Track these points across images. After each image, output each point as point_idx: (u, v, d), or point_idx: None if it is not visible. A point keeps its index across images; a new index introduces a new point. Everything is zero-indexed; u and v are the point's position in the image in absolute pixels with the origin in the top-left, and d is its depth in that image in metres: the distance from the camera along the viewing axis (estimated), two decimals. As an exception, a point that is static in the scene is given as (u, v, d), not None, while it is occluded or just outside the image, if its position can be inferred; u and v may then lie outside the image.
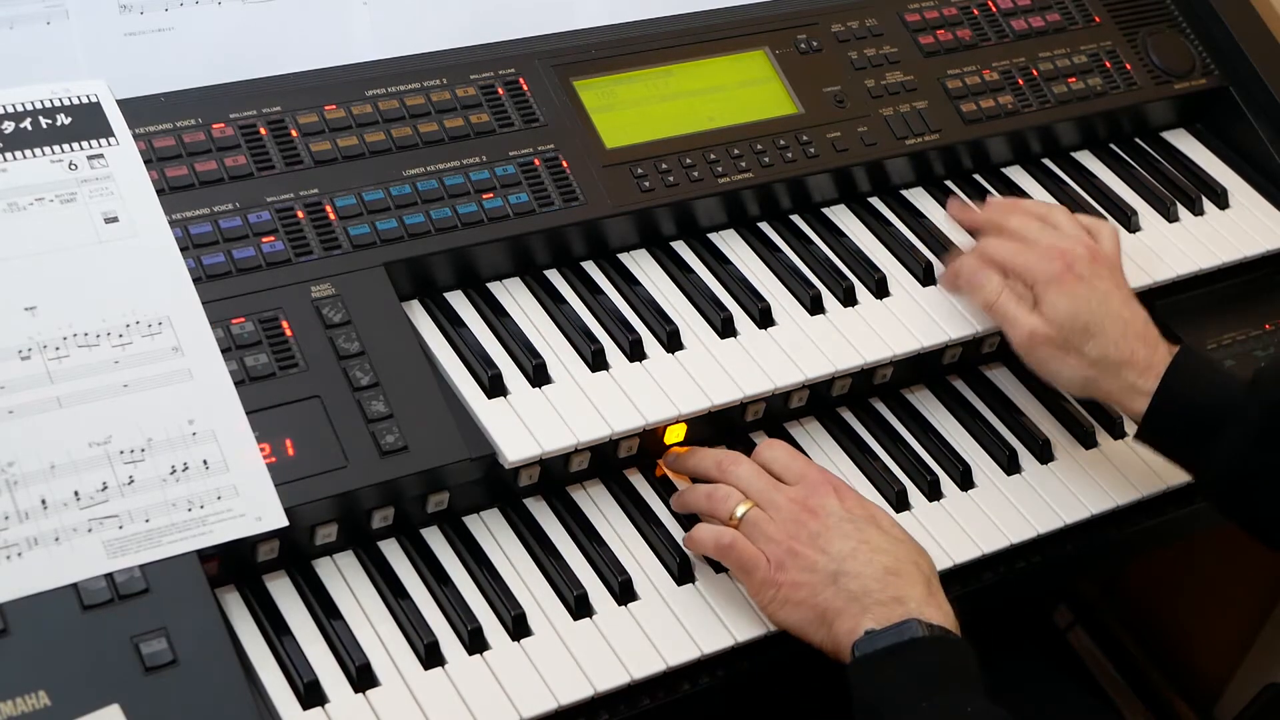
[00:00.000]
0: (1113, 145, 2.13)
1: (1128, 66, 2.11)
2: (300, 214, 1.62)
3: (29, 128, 1.57)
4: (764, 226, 1.87)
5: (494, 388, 1.60)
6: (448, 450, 1.52)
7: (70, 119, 1.59)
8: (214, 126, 1.64)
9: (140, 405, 1.44)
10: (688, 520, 1.64)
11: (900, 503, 1.70)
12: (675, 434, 1.70)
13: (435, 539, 1.58)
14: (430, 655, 1.46)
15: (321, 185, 1.65)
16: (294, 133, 1.67)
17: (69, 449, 1.40)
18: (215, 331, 1.51)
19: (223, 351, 1.50)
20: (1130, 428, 1.80)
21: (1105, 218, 1.98)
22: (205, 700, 1.32)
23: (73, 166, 1.56)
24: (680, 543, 1.61)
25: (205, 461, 1.43)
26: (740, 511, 1.57)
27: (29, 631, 1.31)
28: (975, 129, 1.99)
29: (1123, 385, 1.67)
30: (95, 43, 1.66)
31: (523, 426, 1.57)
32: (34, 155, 1.55)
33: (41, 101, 1.58)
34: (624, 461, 1.67)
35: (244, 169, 1.63)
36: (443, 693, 1.44)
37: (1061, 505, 1.74)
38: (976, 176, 2.02)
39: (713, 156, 1.83)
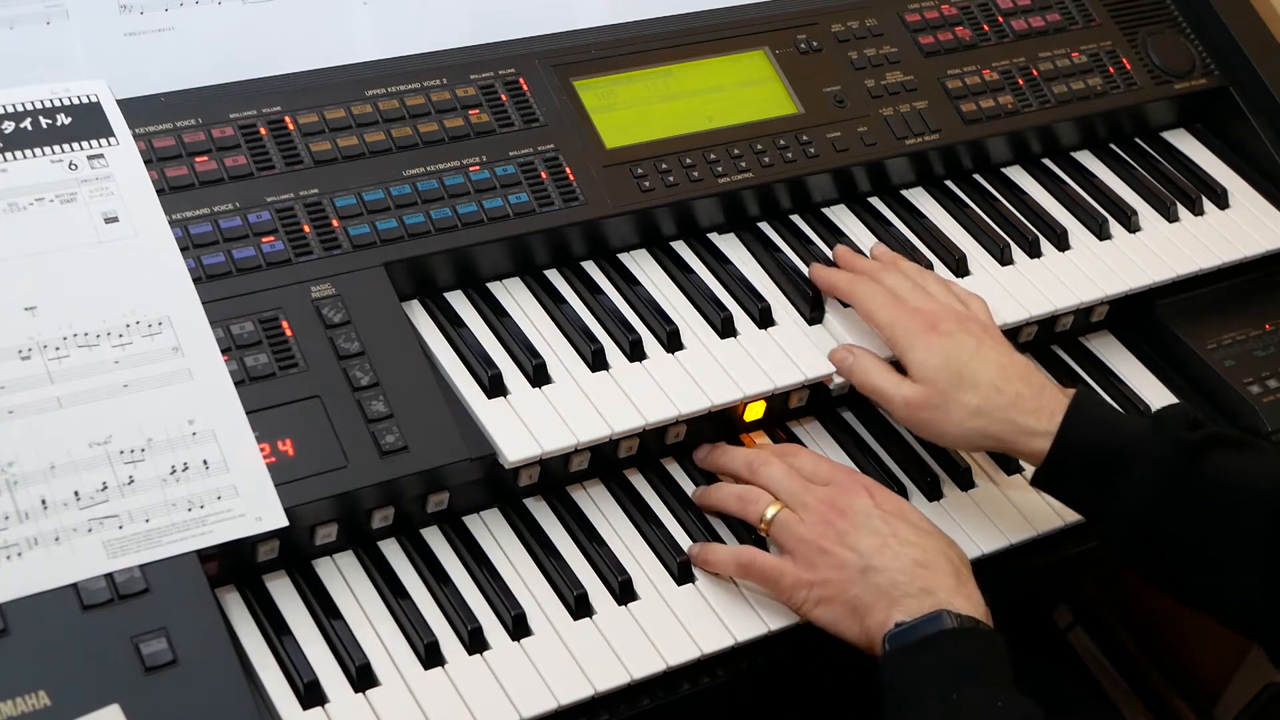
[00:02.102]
0: (1113, 145, 2.13)
1: (1128, 66, 2.11)
2: (300, 214, 1.62)
3: (29, 128, 1.57)
4: (764, 226, 1.87)
5: (494, 388, 1.60)
6: (448, 450, 1.52)
7: (70, 119, 1.59)
8: (214, 126, 1.64)
9: (140, 405, 1.44)
10: (687, 521, 1.64)
11: (900, 503, 1.70)
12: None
13: (435, 539, 1.58)
14: (430, 655, 1.46)
15: (321, 185, 1.65)
16: (294, 133, 1.67)
17: (69, 449, 1.40)
18: (215, 331, 1.51)
19: (223, 351, 1.50)
20: None
21: (1106, 218, 1.98)
22: (205, 700, 1.32)
23: (73, 166, 1.56)
24: (680, 544, 1.61)
25: (205, 461, 1.43)
26: (770, 513, 1.58)
27: (29, 631, 1.31)
28: (975, 129, 1.99)
29: (1014, 428, 1.60)
30: (95, 43, 1.66)
31: (523, 426, 1.57)
32: (34, 155, 1.55)
33: (41, 101, 1.58)
34: (624, 461, 1.67)
35: (244, 169, 1.63)
36: (443, 693, 1.44)
37: (1061, 505, 1.74)
38: (976, 176, 2.02)
39: (713, 156, 1.83)
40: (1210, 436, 1.56)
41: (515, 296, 1.72)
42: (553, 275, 1.75)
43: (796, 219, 1.90)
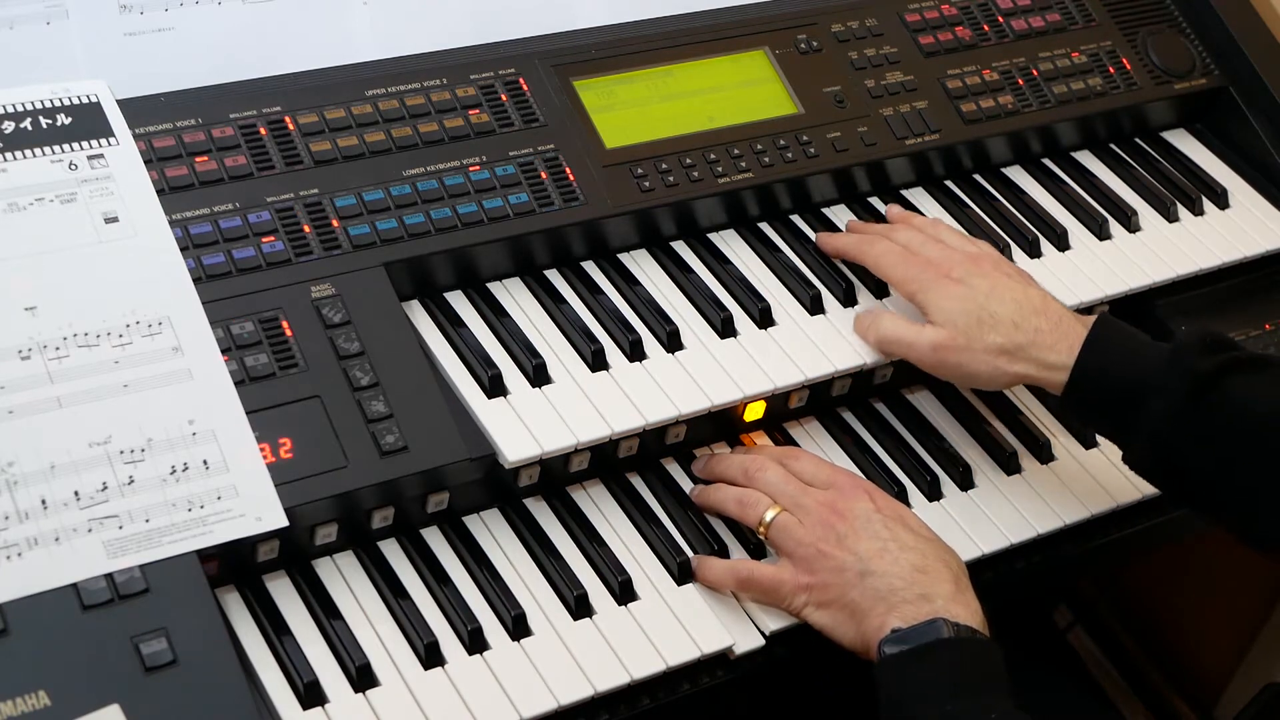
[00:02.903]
0: (1113, 145, 2.13)
1: (1128, 66, 2.11)
2: (300, 214, 1.62)
3: (29, 128, 1.57)
4: (764, 226, 1.87)
5: (494, 388, 1.60)
6: (448, 450, 1.52)
7: (70, 119, 1.59)
8: (214, 126, 1.64)
9: (140, 405, 1.44)
10: (687, 521, 1.64)
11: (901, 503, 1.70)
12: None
13: (435, 539, 1.58)
14: (430, 655, 1.46)
15: (321, 185, 1.65)
16: (294, 133, 1.67)
17: (69, 449, 1.40)
18: (215, 331, 1.51)
19: (223, 351, 1.50)
20: None
21: (1106, 218, 1.98)
22: (205, 700, 1.32)
23: (73, 166, 1.56)
24: (680, 544, 1.61)
25: (205, 461, 1.43)
26: (769, 516, 1.58)
27: (29, 631, 1.31)
28: (975, 129, 1.99)
29: (1037, 364, 1.63)
30: (95, 43, 1.66)
31: (523, 426, 1.57)
32: (34, 155, 1.55)
33: (41, 101, 1.58)
34: (624, 461, 1.67)
35: (244, 169, 1.63)
36: (443, 693, 1.44)
37: (1061, 505, 1.74)
38: (976, 176, 2.02)
39: (713, 156, 1.83)
40: (1229, 361, 1.57)
41: (515, 296, 1.72)
42: (553, 275, 1.75)
43: (796, 219, 1.90)
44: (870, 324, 1.73)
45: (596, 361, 1.66)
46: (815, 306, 1.78)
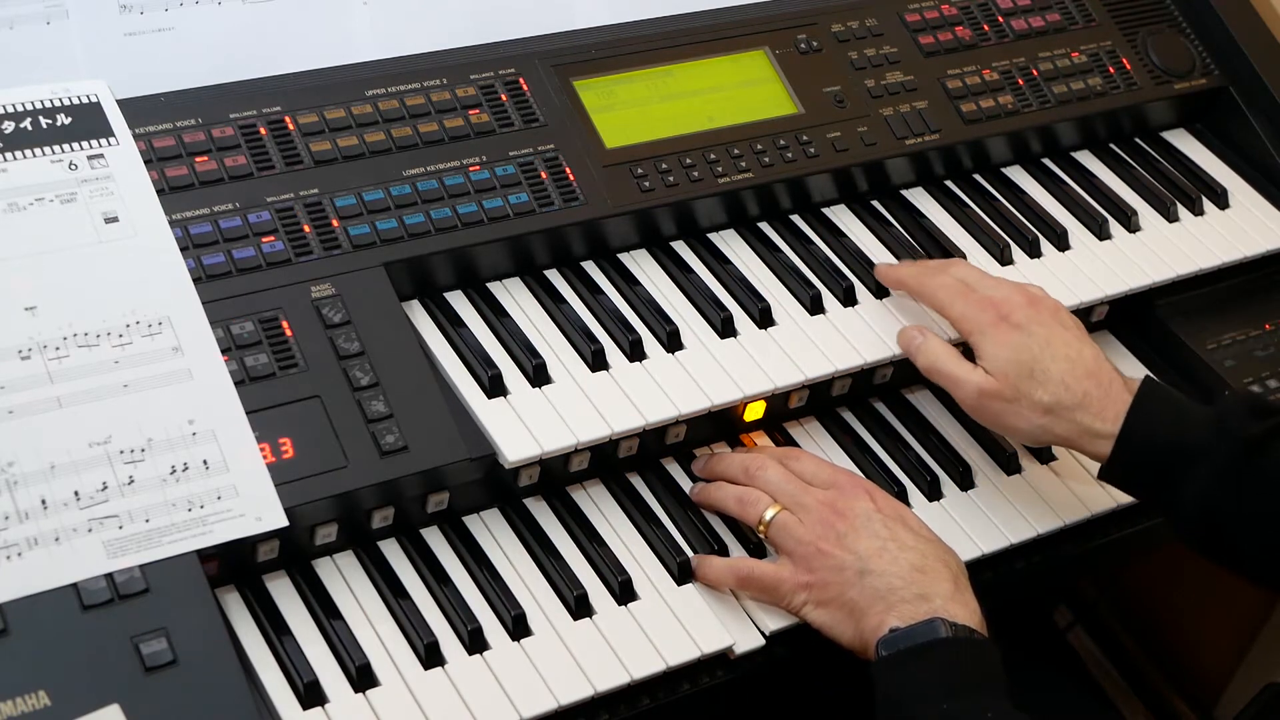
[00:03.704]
0: (1113, 145, 2.13)
1: (1128, 66, 2.11)
2: (300, 214, 1.62)
3: (29, 128, 1.57)
4: (764, 226, 1.87)
5: (494, 388, 1.60)
6: (448, 450, 1.52)
7: (70, 119, 1.59)
8: (214, 126, 1.64)
9: (140, 405, 1.44)
10: (687, 521, 1.64)
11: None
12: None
13: (435, 539, 1.58)
14: (430, 655, 1.46)
15: (321, 185, 1.65)
16: (294, 133, 1.67)
17: (69, 449, 1.40)
18: (215, 331, 1.51)
19: (223, 351, 1.50)
20: None
21: (1106, 219, 1.98)
22: (205, 700, 1.32)
23: (73, 166, 1.56)
24: (680, 544, 1.61)
25: (205, 461, 1.43)
26: (769, 515, 1.58)
27: (29, 631, 1.31)
28: (975, 129, 1.99)
29: (1079, 429, 1.61)
30: (95, 43, 1.66)
31: (523, 426, 1.57)
32: (34, 155, 1.55)
33: (41, 101, 1.58)
34: (624, 461, 1.67)
35: (244, 169, 1.63)
36: (443, 693, 1.44)
37: (1061, 505, 1.74)
38: (976, 176, 2.02)
39: (713, 156, 1.83)
40: (1276, 426, 1.57)
41: (515, 296, 1.72)
42: (553, 275, 1.75)
43: (796, 219, 1.90)
44: (919, 346, 1.70)
45: (596, 361, 1.66)
46: (815, 306, 1.78)
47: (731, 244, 1.84)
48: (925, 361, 1.70)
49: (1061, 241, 1.94)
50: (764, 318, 1.75)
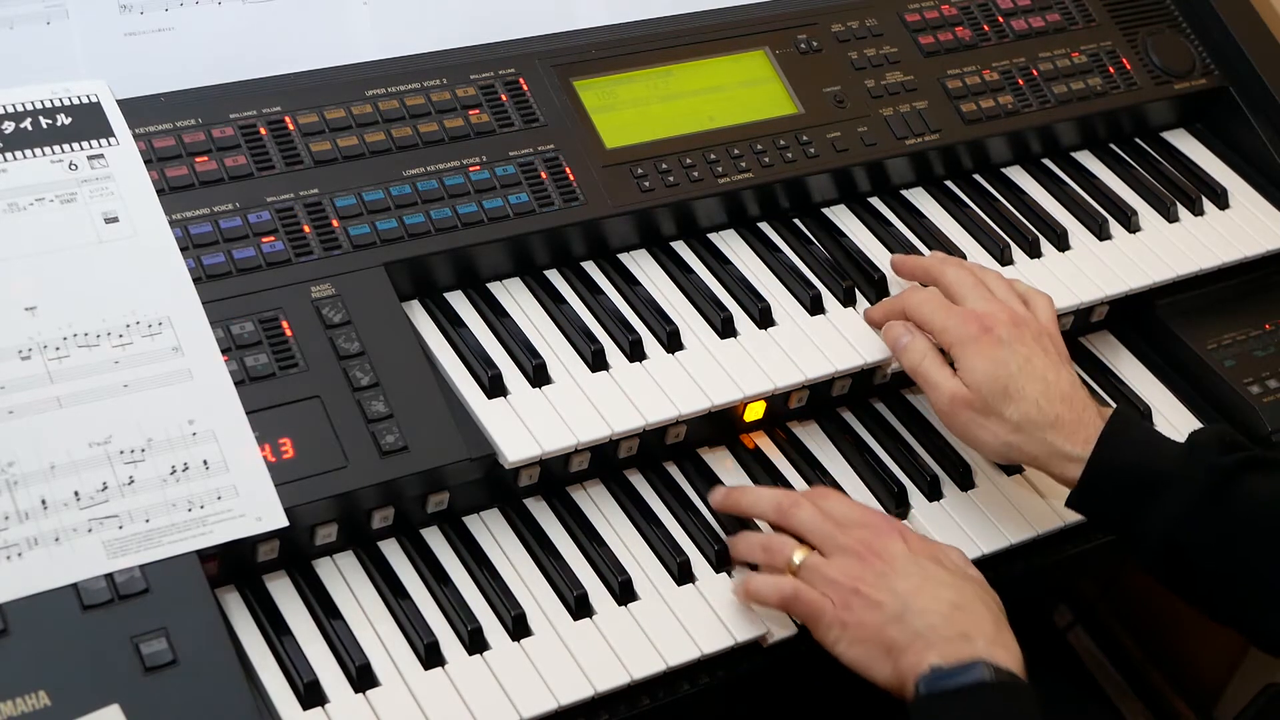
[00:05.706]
0: (1113, 145, 2.13)
1: (1128, 66, 2.11)
2: (300, 214, 1.62)
3: (29, 128, 1.57)
4: (764, 226, 1.87)
5: (494, 388, 1.60)
6: (448, 450, 1.52)
7: (70, 119, 1.59)
8: (214, 126, 1.64)
9: (140, 405, 1.44)
10: (687, 521, 1.64)
11: (900, 503, 1.70)
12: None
13: (435, 539, 1.58)
14: (430, 655, 1.46)
15: (321, 185, 1.65)
16: (294, 133, 1.67)
17: (69, 449, 1.40)
18: (215, 331, 1.51)
19: (223, 351, 1.50)
20: None
21: (1106, 219, 1.98)
22: (205, 700, 1.32)
23: (73, 166, 1.56)
24: (680, 544, 1.61)
25: (205, 461, 1.43)
26: (798, 559, 1.55)
27: (29, 631, 1.31)
28: (975, 129, 1.99)
29: (1049, 450, 1.61)
30: (95, 43, 1.66)
31: (523, 426, 1.57)
32: (34, 155, 1.55)
33: (41, 101, 1.58)
34: (624, 461, 1.67)
35: (244, 169, 1.63)
36: (443, 693, 1.44)
37: (1062, 505, 1.74)
38: (976, 176, 2.02)
39: (713, 156, 1.83)
40: (1246, 459, 1.56)
41: (515, 296, 1.72)
42: (553, 275, 1.75)
43: (796, 219, 1.90)
44: (905, 345, 1.69)
45: (596, 361, 1.66)
46: (815, 306, 1.78)
47: (731, 244, 1.84)
48: (908, 361, 1.69)
49: (1061, 242, 1.94)
50: (764, 318, 1.75)
